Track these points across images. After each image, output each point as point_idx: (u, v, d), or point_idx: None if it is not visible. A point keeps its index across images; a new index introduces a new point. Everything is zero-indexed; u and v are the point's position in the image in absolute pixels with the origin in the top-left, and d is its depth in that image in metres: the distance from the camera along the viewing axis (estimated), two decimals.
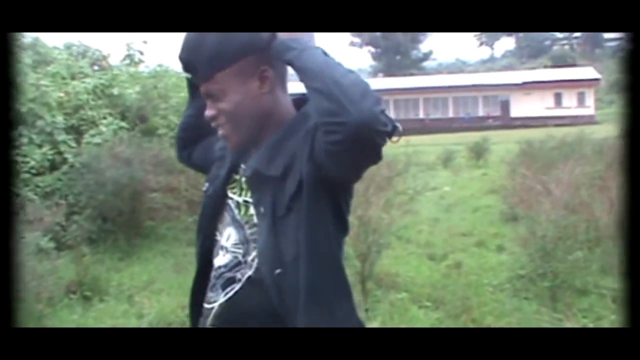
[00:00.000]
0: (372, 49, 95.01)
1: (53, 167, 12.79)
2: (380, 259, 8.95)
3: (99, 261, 10.87)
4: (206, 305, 2.31)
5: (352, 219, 7.22)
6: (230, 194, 2.26)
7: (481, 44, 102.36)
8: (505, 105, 66.02)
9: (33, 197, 11.04)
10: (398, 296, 8.57)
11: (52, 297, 8.38)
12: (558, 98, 64.90)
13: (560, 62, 79.31)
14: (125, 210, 12.51)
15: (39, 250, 8.81)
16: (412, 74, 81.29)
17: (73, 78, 15.87)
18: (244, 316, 2.13)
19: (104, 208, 12.45)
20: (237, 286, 2.15)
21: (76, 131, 14.09)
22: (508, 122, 61.65)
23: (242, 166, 2.23)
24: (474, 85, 66.36)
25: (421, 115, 65.84)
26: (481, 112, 66.76)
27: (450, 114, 67.10)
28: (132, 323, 8.12)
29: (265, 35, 2.08)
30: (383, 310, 8.06)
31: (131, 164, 12.30)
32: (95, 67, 18.32)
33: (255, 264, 2.10)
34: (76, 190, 12.58)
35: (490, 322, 7.50)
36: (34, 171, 12.28)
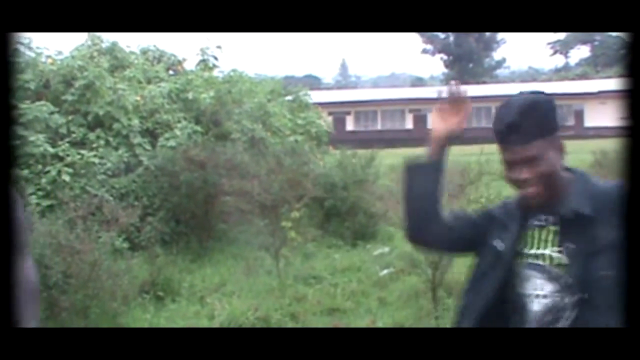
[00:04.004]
0: (445, 57, 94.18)
1: (128, 169, 13.02)
2: (452, 267, 8.89)
3: (171, 262, 11.03)
4: None
5: None
6: (523, 250, 2.58)
7: (555, 52, 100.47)
8: (579, 115, 64.85)
9: (109, 198, 11.24)
10: None
11: (127, 295, 8.54)
12: None
13: None
14: (198, 212, 12.69)
15: (114, 250, 8.99)
16: (484, 82, 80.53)
17: (149, 82, 16.16)
18: None
19: (178, 210, 12.66)
20: (559, 324, 2.45)
21: (151, 134, 14.34)
22: (582, 132, 60.55)
23: (535, 221, 2.57)
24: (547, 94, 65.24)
25: None
26: None
27: None
28: (204, 324, 8.23)
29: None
30: (453, 318, 8.01)
31: (205, 168, 12.47)
32: (171, 72, 18.60)
33: (572, 303, 2.43)
34: (150, 192, 12.80)
35: None
36: (110, 173, 12.51)
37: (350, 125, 67.42)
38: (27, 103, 12.31)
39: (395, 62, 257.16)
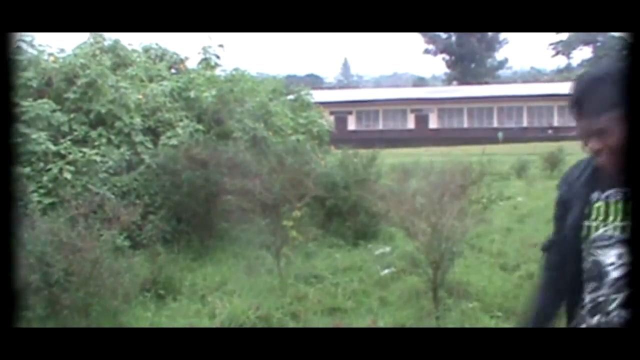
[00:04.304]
0: (447, 57, 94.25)
1: (130, 167, 13.03)
2: (453, 267, 8.89)
3: (172, 261, 11.03)
4: (592, 305, 2.65)
5: (425, 227, 7.17)
6: (602, 222, 2.65)
7: (557, 53, 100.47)
8: None
9: (110, 196, 11.24)
10: (469, 305, 8.51)
11: (128, 293, 8.52)
12: None
13: None
14: (199, 211, 12.68)
15: (115, 248, 8.98)
16: (486, 83, 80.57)
17: (151, 80, 16.17)
18: None
19: (179, 209, 12.66)
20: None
21: (153, 133, 14.34)
22: None
23: (615, 193, 2.64)
24: (549, 95, 65.26)
25: (495, 124, 65.11)
26: (556, 123, 65.68)
27: (525, 124, 66.25)
28: (205, 323, 8.22)
29: None
30: (454, 318, 8.02)
31: (207, 166, 12.46)
32: (173, 70, 18.60)
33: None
34: (152, 190, 12.80)
35: None
36: (111, 171, 12.53)
37: (351, 125, 67.50)
38: (29, 101, 12.34)
39: (398, 62, 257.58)
